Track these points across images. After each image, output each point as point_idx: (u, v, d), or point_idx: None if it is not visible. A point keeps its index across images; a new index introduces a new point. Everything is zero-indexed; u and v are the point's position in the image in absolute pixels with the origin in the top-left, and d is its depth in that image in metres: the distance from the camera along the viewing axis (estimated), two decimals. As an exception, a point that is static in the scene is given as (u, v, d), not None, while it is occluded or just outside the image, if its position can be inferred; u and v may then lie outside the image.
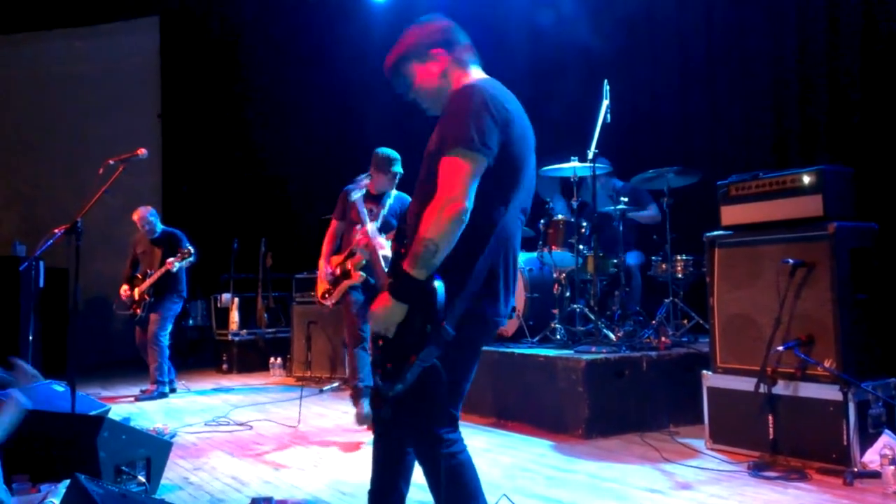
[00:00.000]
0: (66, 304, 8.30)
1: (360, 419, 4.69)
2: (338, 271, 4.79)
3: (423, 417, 2.10)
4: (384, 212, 4.72)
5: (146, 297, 6.44)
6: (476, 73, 2.29)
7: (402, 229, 2.30)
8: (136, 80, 10.57)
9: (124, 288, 6.57)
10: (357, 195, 4.60)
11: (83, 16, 10.27)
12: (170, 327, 6.56)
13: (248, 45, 10.06)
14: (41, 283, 6.27)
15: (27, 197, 10.25)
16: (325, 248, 4.96)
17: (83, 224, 4.04)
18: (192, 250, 6.37)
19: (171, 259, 6.32)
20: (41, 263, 6.02)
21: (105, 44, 10.54)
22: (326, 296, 4.84)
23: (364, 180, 4.68)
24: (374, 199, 4.80)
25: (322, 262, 4.90)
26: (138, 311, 6.46)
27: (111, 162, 4.53)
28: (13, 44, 10.42)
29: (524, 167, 2.16)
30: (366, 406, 4.62)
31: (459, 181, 1.98)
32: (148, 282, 6.43)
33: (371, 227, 4.34)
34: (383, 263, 4.22)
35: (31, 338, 5.52)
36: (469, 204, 1.97)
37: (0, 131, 10.35)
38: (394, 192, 4.85)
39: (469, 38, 2.32)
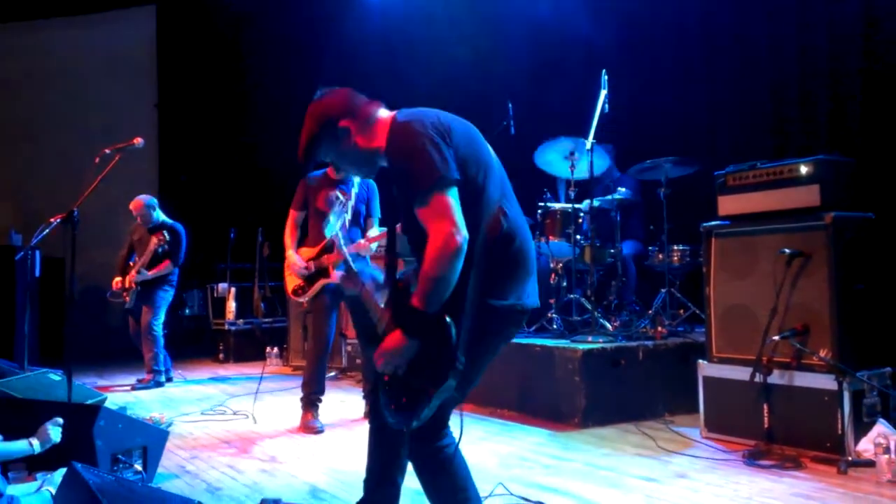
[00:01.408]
0: (63, 293, 8.30)
1: (309, 429, 4.45)
2: (312, 267, 4.49)
3: (427, 427, 2.09)
4: (351, 202, 4.48)
5: (134, 285, 6.39)
6: (385, 114, 2.23)
7: (392, 261, 2.30)
8: (132, 69, 10.52)
9: (117, 279, 6.54)
10: (335, 227, 3.81)
11: (79, 4, 10.22)
12: (163, 316, 6.53)
13: (245, 34, 10.02)
14: (37, 273, 6.26)
15: (23, 186, 10.20)
16: (289, 240, 4.63)
17: (79, 213, 4.03)
18: (169, 239, 6.32)
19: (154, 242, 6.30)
20: (37, 253, 6.00)
21: (101, 33, 10.48)
22: (299, 292, 4.54)
23: (334, 192, 4.26)
24: (335, 184, 4.51)
25: (292, 254, 4.56)
26: (126, 298, 6.41)
27: (107, 151, 4.51)
28: (8, 33, 10.36)
29: (490, 169, 2.16)
30: (313, 418, 4.52)
31: (447, 216, 1.97)
32: (137, 266, 6.37)
33: (351, 265, 3.94)
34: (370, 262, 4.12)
35: (27, 327, 5.50)
36: (465, 232, 1.97)
37: (-7, 120, 10.31)
38: (357, 179, 4.55)
39: (363, 94, 2.26)
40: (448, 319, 1.97)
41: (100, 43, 10.48)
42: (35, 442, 2.84)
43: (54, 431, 2.88)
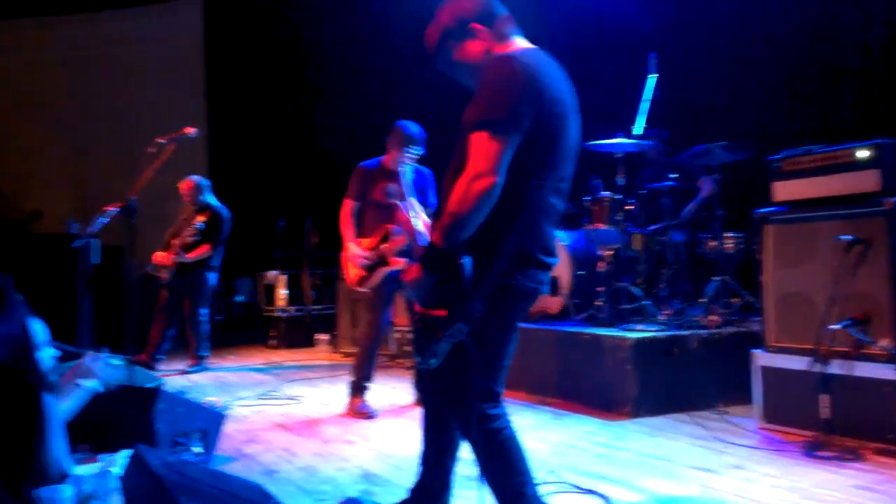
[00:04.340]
0: (120, 280, 8.51)
1: (360, 413, 4.51)
2: (373, 256, 4.47)
3: (458, 393, 2.11)
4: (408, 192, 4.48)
5: (172, 263, 6.41)
6: (519, 44, 2.24)
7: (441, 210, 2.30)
8: (181, 59, 10.72)
9: (159, 253, 6.55)
10: (406, 169, 4.15)
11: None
12: (207, 302, 6.58)
13: (292, 23, 10.10)
14: (97, 260, 6.43)
15: (79, 176, 10.49)
16: (347, 231, 4.59)
17: (136, 202, 4.13)
18: (207, 221, 6.37)
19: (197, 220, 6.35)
20: (95, 241, 6.17)
21: (151, 24, 10.70)
22: (362, 282, 4.50)
23: (393, 184, 4.32)
24: (391, 175, 4.50)
25: (353, 246, 4.52)
26: (163, 274, 6.45)
27: (161, 141, 4.61)
28: (61, 26, 10.64)
29: (559, 139, 2.12)
30: (362, 403, 4.56)
31: (489, 156, 1.96)
32: (176, 246, 6.41)
33: (414, 203, 4.11)
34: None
35: (87, 313, 5.67)
36: (499, 179, 1.96)
37: (51, 113, 10.57)
38: (409, 168, 4.41)
39: (506, 9, 2.26)
40: (462, 261, 1.95)
41: (150, 34, 10.69)
42: (88, 382, 2.71)
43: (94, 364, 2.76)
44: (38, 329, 1.85)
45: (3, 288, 1.75)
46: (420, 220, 4.07)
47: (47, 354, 2.19)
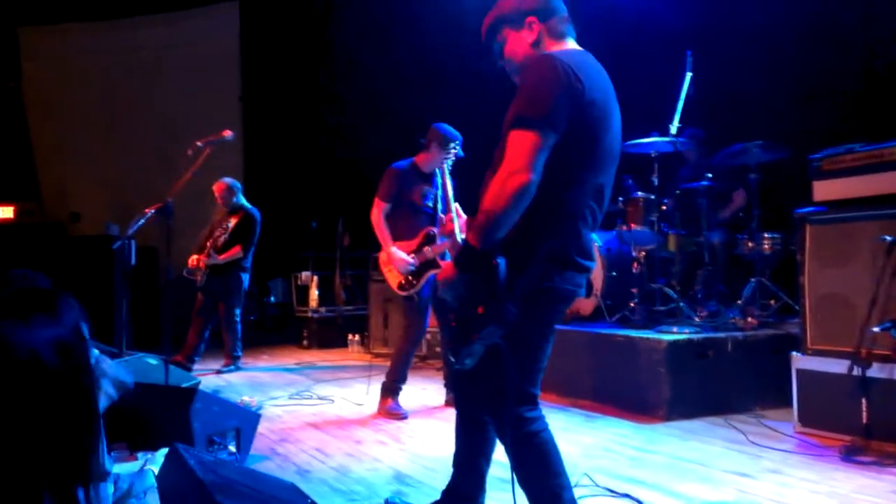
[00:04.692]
0: (157, 281, 8.66)
1: (392, 414, 4.52)
2: (417, 261, 4.45)
3: (495, 396, 2.10)
4: (442, 193, 4.49)
5: (204, 266, 6.47)
6: (570, 45, 2.23)
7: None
8: (218, 63, 10.85)
9: (193, 257, 6.61)
10: (446, 174, 4.28)
11: (166, 2, 10.62)
12: (240, 302, 6.64)
13: (327, 26, 10.18)
14: (133, 261, 6.55)
15: (117, 178, 10.67)
16: (385, 234, 4.53)
17: (173, 204, 4.19)
18: (239, 223, 6.44)
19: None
20: (133, 242, 6.28)
21: (187, 29, 10.86)
22: (406, 287, 4.45)
23: (430, 187, 4.43)
24: (425, 177, 4.57)
25: (394, 250, 4.47)
26: (198, 278, 6.51)
27: (199, 144, 4.67)
28: (99, 31, 10.85)
29: (599, 141, 2.09)
30: (394, 403, 4.58)
31: (525, 154, 1.94)
32: (208, 248, 6.48)
33: (457, 208, 4.17)
34: None
35: (125, 313, 5.77)
36: (535, 177, 1.93)
37: (88, 116, 10.79)
38: (445, 171, 4.52)
39: (566, 10, 2.25)
40: (497, 261, 1.93)
41: (186, 39, 10.85)
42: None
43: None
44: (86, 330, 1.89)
45: (52, 291, 1.78)
46: (461, 225, 4.09)
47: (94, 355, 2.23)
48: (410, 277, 4.45)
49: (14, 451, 1.60)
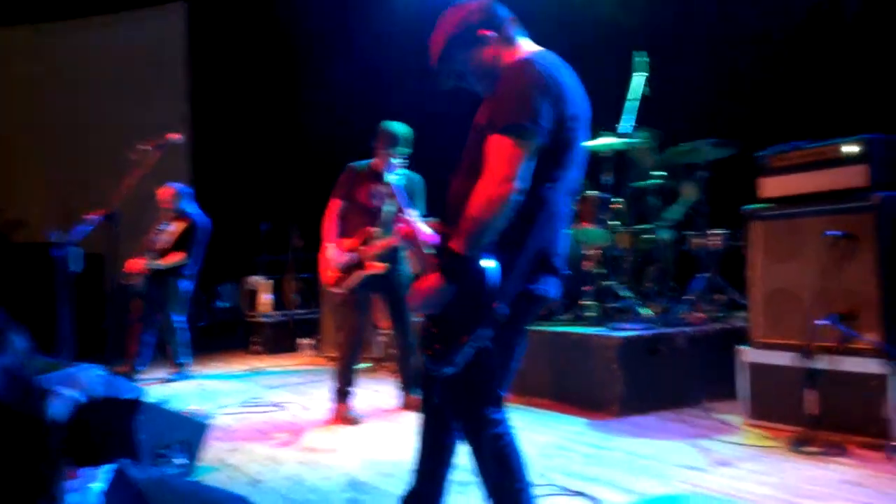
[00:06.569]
0: (101, 289, 8.40)
1: (345, 420, 4.47)
2: (349, 259, 4.45)
3: (471, 399, 2.09)
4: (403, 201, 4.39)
5: (146, 270, 6.32)
6: (526, 46, 2.22)
7: (449, 212, 2.26)
8: (165, 65, 10.61)
9: (132, 261, 6.44)
10: (393, 178, 4.26)
11: (111, 3, 10.35)
12: (182, 309, 6.48)
13: (276, 30, 10.04)
14: (78, 269, 6.34)
15: (59, 183, 10.36)
16: (330, 230, 4.54)
17: (119, 210, 4.06)
18: (183, 229, 6.34)
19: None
20: (76, 249, 6.08)
21: (133, 30, 10.60)
22: (337, 283, 4.47)
23: (379, 187, 4.37)
24: (380, 177, 4.48)
25: (331, 247, 4.49)
26: (136, 282, 6.33)
27: (144, 147, 4.54)
28: (42, 34, 10.52)
29: (577, 141, 2.11)
30: (346, 407, 4.53)
31: (513, 161, 1.94)
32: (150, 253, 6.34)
33: (415, 214, 4.13)
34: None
35: (67, 323, 5.59)
36: (520, 185, 1.94)
37: (32, 120, 10.46)
38: (399, 173, 4.47)
39: (509, 11, 2.24)
40: (483, 266, 1.93)
41: (132, 41, 10.58)
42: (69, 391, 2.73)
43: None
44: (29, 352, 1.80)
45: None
46: (424, 229, 4.03)
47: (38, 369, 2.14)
48: (341, 274, 4.46)
49: None
